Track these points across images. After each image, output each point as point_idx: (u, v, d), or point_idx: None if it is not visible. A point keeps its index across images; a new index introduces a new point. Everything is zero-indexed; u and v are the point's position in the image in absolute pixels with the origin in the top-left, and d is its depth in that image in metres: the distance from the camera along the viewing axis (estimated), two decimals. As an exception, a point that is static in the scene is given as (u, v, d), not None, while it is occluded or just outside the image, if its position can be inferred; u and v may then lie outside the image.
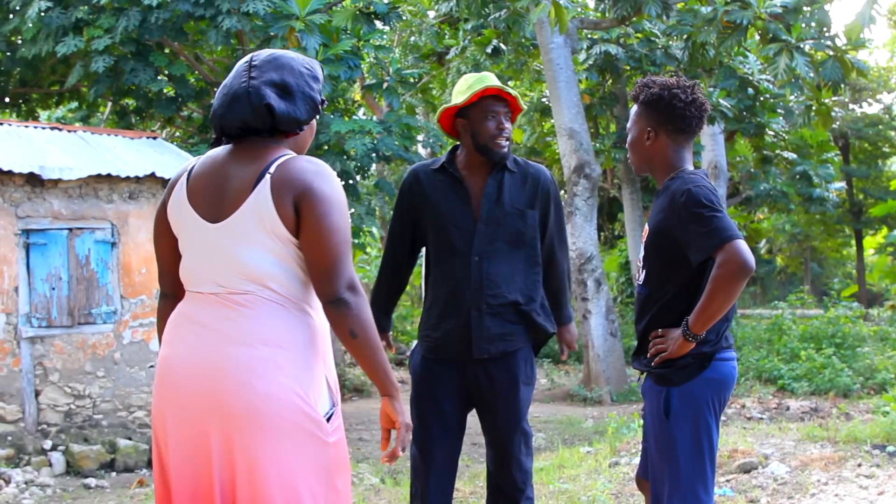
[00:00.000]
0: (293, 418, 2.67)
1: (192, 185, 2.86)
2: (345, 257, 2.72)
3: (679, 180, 3.44)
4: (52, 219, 8.72)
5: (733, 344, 3.55)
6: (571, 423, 10.46)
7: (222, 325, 2.73)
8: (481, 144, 4.12)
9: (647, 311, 3.52)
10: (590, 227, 12.83)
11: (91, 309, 8.88)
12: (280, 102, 2.81)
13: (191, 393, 2.73)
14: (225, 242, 2.77)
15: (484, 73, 4.21)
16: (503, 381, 4.13)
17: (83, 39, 10.94)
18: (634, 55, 15.84)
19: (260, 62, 2.86)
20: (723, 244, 3.24)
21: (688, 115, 3.53)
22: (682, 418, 3.39)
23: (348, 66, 10.74)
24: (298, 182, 2.72)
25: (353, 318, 2.70)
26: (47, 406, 8.63)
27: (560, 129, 13.14)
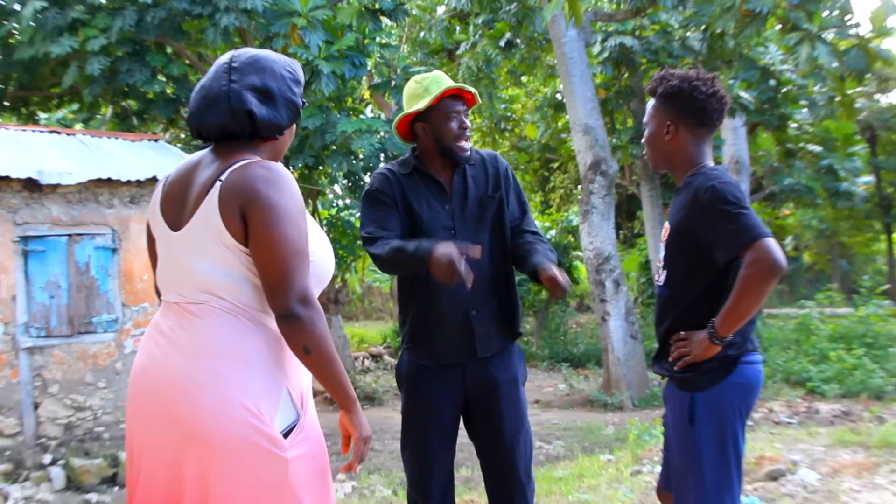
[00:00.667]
0: (242, 434, 2.61)
1: (165, 190, 2.88)
2: (296, 270, 2.66)
3: (702, 176, 3.39)
4: (50, 225, 8.70)
5: (758, 346, 3.49)
6: (591, 430, 10.40)
7: (178, 335, 2.73)
8: (445, 146, 4.07)
9: (668, 314, 3.47)
10: (607, 225, 12.77)
11: (91, 317, 8.86)
12: (261, 108, 2.80)
13: (148, 405, 2.73)
14: (182, 251, 2.78)
15: (435, 73, 4.16)
16: (505, 380, 4.11)
17: (78, 40, 10.93)
18: (651, 47, 15.77)
19: (240, 64, 2.84)
20: (751, 242, 3.18)
21: (709, 108, 3.48)
22: (706, 425, 3.34)
23: (353, 64, 10.70)
24: (244, 189, 2.68)
25: (305, 334, 2.64)
26: (47, 419, 8.61)
27: (575, 125, 13.07)
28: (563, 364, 15.43)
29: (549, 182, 23.56)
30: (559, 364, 15.60)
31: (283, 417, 2.70)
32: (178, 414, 2.64)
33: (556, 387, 14.03)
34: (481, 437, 4.17)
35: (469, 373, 4.08)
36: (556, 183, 23.14)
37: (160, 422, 2.69)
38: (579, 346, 16.52)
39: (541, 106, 19.16)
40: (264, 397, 2.66)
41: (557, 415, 11.85)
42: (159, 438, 2.70)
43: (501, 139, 21.43)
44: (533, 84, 21.36)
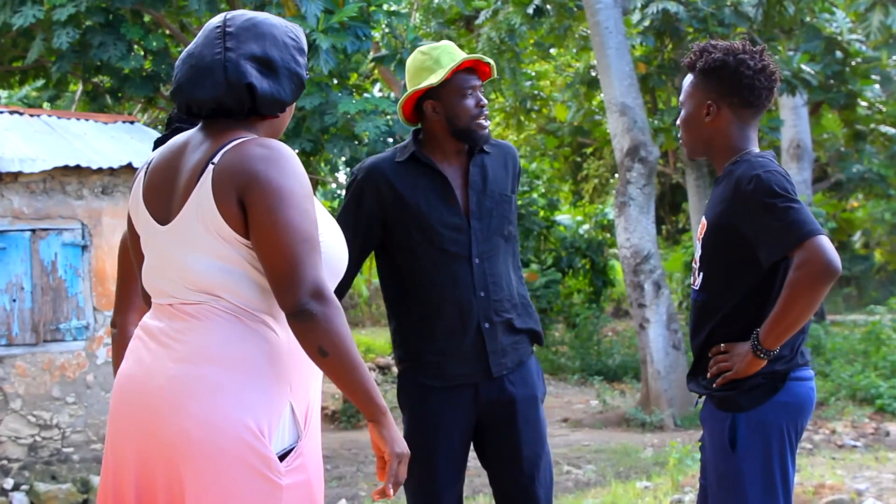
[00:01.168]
0: (234, 451, 2.58)
1: (148, 178, 2.84)
2: (306, 259, 2.60)
3: (745, 164, 3.38)
4: (11, 218, 8.77)
5: (810, 360, 3.49)
6: (627, 453, 10.41)
7: (172, 339, 2.71)
8: (461, 128, 4.03)
9: (705, 323, 3.47)
10: (646, 219, 12.77)
11: (59, 324, 8.93)
12: (263, 81, 2.75)
13: (131, 415, 2.72)
14: (173, 247, 2.74)
15: (445, 43, 4.12)
16: (523, 398, 4.10)
17: (43, 9, 10.98)
18: (698, 14, 15.71)
19: (236, 28, 2.79)
20: (802, 241, 3.17)
21: (757, 86, 3.46)
22: (751, 450, 3.34)
23: (356, 36, 10.74)
24: (242, 171, 2.64)
25: (321, 332, 2.57)
26: (8, 438, 8.68)
27: (610, 104, 13.08)
28: (596, 377, 15.43)
29: (582, 170, 23.57)
30: (592, 377, 15.60)
31: (281, 437, 2.68)
32: (163, 424, 2.63)
33: (588, 403, 14.04)
34: (496, 464, 4.17)
35: (482, 392, 4.06)
36: (589, 171, 23.16)
37: (142, 434, 2.68)
38: (615, 358, 16.51)
39: (572, 83, 19.14)
40: (264, 412, 2.63)
41: (589, 435, 11.86)
42: (137, 450, 2.69)
43: (528, 121, 21.43)
44: (563, 58, 21.34)
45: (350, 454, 11.02)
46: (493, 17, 16.82)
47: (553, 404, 14.00)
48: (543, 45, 19.47)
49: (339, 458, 10.77)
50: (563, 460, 10.08)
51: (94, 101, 13.24)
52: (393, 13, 12.34)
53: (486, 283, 4.05)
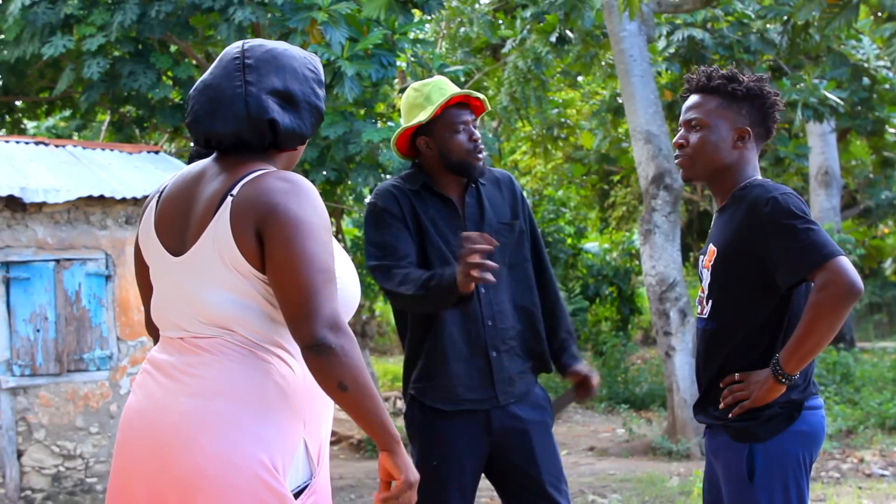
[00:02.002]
0: (249, 487, 2.55)
1: (160, 208, 2.82)
2: (322, 290, 2.56)
3: (758, 188, 3.34)
4: (35, 249, 8.80)
5: (818, 389, 3.44)
6: (653, 482, 10.31)
7: (183, 373, 2.68)
8: (455, 162, 4.06)
9: (717, 352, 3.42)
10: (672, 247, 12.68)
11: (82, 353, 8.94)
12: (284, 116, 2.73)
13: (140, 451, 2.68)
14: (186, 279, 2.71)
15: (437, 79, 4.14)
16: (535, 424, 4.14)
17: (73, 39, 11.04)
18: (724, 41, 15.69)
19: (256, 61, 2.76)
20: (823, 262, 3.14)
21: (778, 119, 3.50)
22: (770, 481, 3.30)
23: (380, 64, 10.73)
24: (261, 203, 2.61)
25: (339, 367, 2.53)
26: (32, 468, 8.68)
27: (635, 132, 13.02)
28: (622, 406, 15.33)
29: (609, 197, 23.50)
30: (619, 406, 15.51)
31: (295, 474, 2.66)
32: (175, 460, 2.59)
33: (615, 432, 13.94)
34: (520, 495, 4.15)
35: (494, 422, 4.07)
36: (616, 198, 23.08)
37: (152, 469, 2.64)
38: (642, 386, 16.39)
39: (598, 111, 19.13)
40: (278, 449, 2.61)
41: (615, 464, 11.77)
42: (148, 486, 2.65)
43: (555, 149, 21.41)
44: (590, 86, 21.33)
45: (375, 483, 10.95)
46: (520, 45, 16.81)
47: (579, 433, 13.90)
48: (570, 73, 19.46)
49: (363, 488, 10.72)
50: (589, 489, 9.99)
51: (121, 131, 13.31)
52: (418, 41, 12.35)
53: (492, 313, 4.09)
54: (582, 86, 21.51)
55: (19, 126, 15.02)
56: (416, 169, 4.18)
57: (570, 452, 12.46)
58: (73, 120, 15.24)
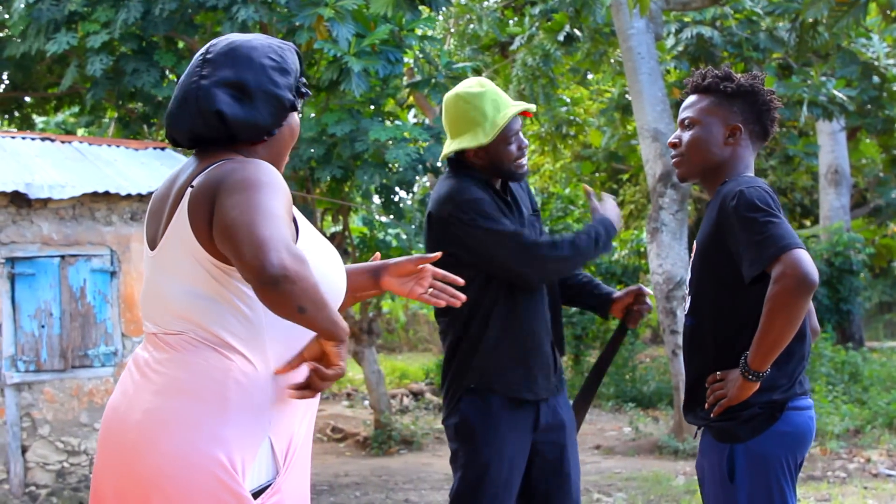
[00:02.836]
0: (205, 487, 2.55)
1: (150, 206, 2.87)
2: (267, 222, 2.46)
3: (731, 182, 3.37)
4: (41, 245, 8.81)
5: (809, 389, 3.42)
6: (658, 481, 10.30)
7: (152, 370, 2.70)
8: (504, 170, 4.20)
9: (698, 350, 3.43)
10: (679, 245, 12.66)
11: (87, 350, 8.95)
12: (233, 106, 2.72)
13: (111, 446, 2.72)
14: (157, 274, 2.75)
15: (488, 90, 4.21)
16: (570, 422, 4.28)
17: (77, 36, 11.07)
18: (733, 39, 15.67)
19: (215, 55, 2.78)
20: (779, 255, 3.15)
21: (775, 118, 3.51)
22: (750, 481, 3.30)
23: (388, 60, 10.73)
24: (213, 184, 2.59)
25: (298, 294, 2.42)
26: (36, 464, 8.69)
27: (642, 130, 13.00)
28: (629, 404, 15.31)
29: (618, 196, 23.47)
30: (626, 404, 15.49)
31: (257, 473, 2.65)
32: (137, 458, 2.62)
33: (621, 430, 13.93)
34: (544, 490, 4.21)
35: (541, 416, 4.20)
36: (625, 197, 23.05)
37: (119, 467, 2.67)
38: (649, 384, 16.37)
39: (607, 108, 19.10)
40: (238, 447, 2.60)
41: (621, 462, 11.77)
42: (115, 485, 2.68)
43: (563, 147, 21.39)
44: (599, 84, 21.29)
45: (380, 481, 10.96)
46: (528, 42, 16.79)
47: (586, 431, 13.89)
48: (579, 70, 19.43)
49: (368, 485, 10.72)
50: (594, 488, 9.98)
51: (127, 127, 13.33)
52: (425, 38, 12.34)
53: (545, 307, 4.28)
54: (591, 83, 21.48)
55: (28, 121, 15.05)
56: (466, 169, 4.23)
57: (576, 450, 12.45)
58: (81, 116, 15.26)
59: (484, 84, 4.19)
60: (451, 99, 4.20)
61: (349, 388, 18.60)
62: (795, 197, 22.79)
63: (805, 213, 23.40)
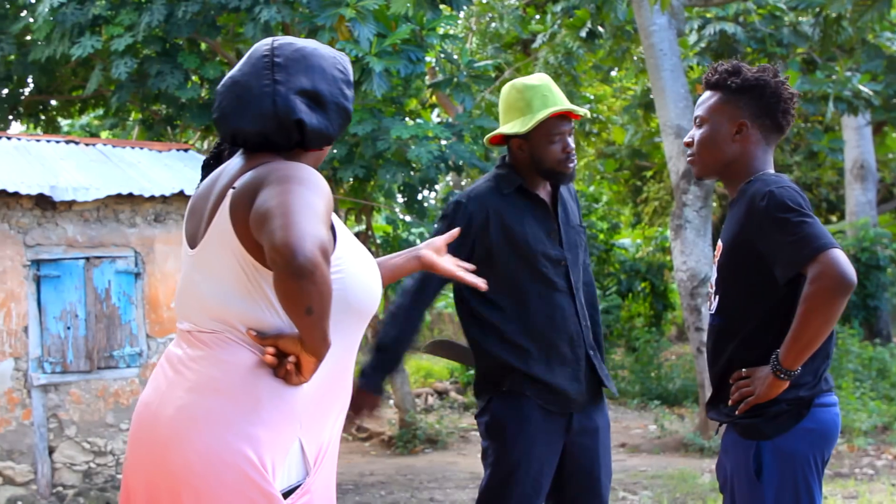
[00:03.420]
0: (235, 485, 2.56)
1: (190, 205, 2.88)
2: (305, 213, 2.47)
3: (758, 182, 3.34)
4: (65, 247, 8.87)
5: (833, 386, 3.41)
6: (684, 479, 10.28)
7: (186, 367, 2.71)
8: (546, 169, 4.16)
9: (724, 348, 3.42)
10: (703, 242, 12.63)
11: (112, 351, 9.00)
12: (312, 116, 2.74)
13: (144, 444, 2.72)
14: (196, 272, 2.75)
15: (541, 84, 4.17)
16: (605, 427, 4.30)
17: (101, 39, 11.13)
18: (756, 35, 15.61)
19: (285, 59, 2.77)
20: (815, 255, 3.13)
21: (789, 111, 3.47)
22: (777, 479, 3.28)
23: (409, 60, 10.74)
24: (256, 184, 2.60)
25: (313, 292, 2.43)
26: (63, 465, 8.75)
27: (665, 126, 12.97)
28: (654, 402, 15.28)
29: (642, 193, 23.42)
30: (651, 402, 15.46)
31: (287, 474, 2.65)
32: (168, 454, 2.62)
33: (647, 428, 13.90)
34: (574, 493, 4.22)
35: (574, 422, 4.18)
36: (649, 194, 23.00)
37: (151, 462, 2.67)
38: (675, 382, 16.33)
39: (630, 106, 19.06)
40: (269, 447, 2.60)
41: (646, 460, 11.75)
42: (146, 480, 2.68)
43: (587, 145, 21.36)
44: (622, 81, 21.26)
45: (405, 479, 10.98)
46: (551, 40, 16.78)
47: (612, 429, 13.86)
48: (602, 67, 19.40)
49: (393, 484, 10.74)
50: (620, 486, 9.97)
51: (150, 129, 13.39)
52: (447, 37, 12.35)
53: (584, 313, 4.24)
54: (614, 81, 21.44)
55: (53, 124, 15.13)
56: (509, 169, 4.23)
57: (601, 449, 12.44)
58: (106, 118, 15.33)
59: (543, 79, 4.20)
60: (506, 87, 4.24)
61: (375, 387, 18.60)
62: (821, 192, 22.67)
63: (831, 208, 23.28)
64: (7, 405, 8.55)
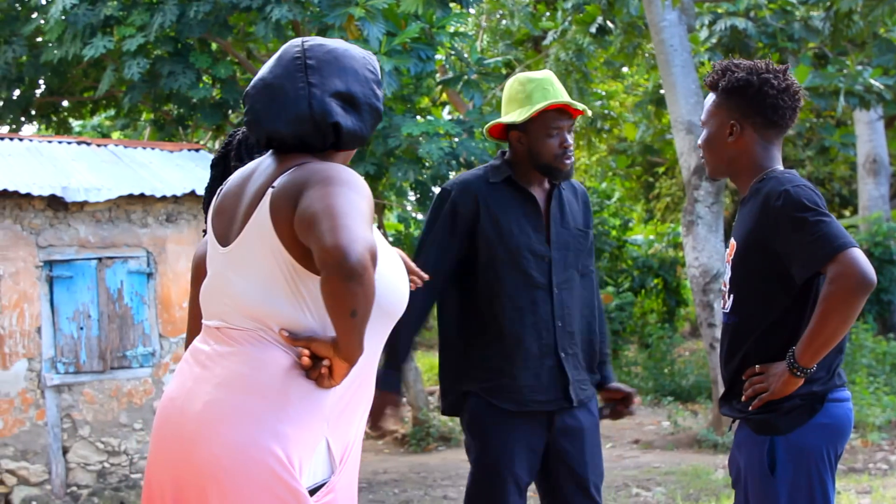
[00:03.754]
0: (262, 481, 2.56)
1: (219, 202, 2.87)
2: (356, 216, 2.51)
3: (772, 181, 3.34)
4: (78, 247, 8.91)
5: (846, 381, 3.41)
6: (697, 475, 10.26)
7: (214, 363, 2.70)
8: (542, 164, 4.12)
9: (738, 346, 3.41)
10: (715, 238, 12.61)
11: (125, 351, 9.04)
12: (347, 119, 2.75)
13: (170, 439, 2.71)
14: (229, 270, 2.75)
15: (543, 77, 4.16)
16: (590, 426, 4.20)
17: (113, 40, 11.15)
18: (767, 30, 15.56)
19: (318, 61, 2.78)
20: (835, 254, 3.12)
21: (781, 105, 3.44)
22: (791, 474, 3.28)
23: (419, 58, 10.75)
24: (299, 184, 2.61)
25: (360, 296, 2.46)
26: (77, 465, 8.78)
27: (676, 122, 12.96)
28: (668, 398, 15.24)
29: (654, 189, 23.39)
30: (664, 398, 15.42)
31: (313, 472, 2.66)
32: (195, 449, 2.62)
33: (660, 424, 13.88)
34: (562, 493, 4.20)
35: (556, 420, 4.13)
36: (661, 190, 22.96)
37: (177, 458, 2.67)
38: (688, 378, 16.29)
39: (642, 102, 19.04)
40: (297, 445, 2.61)
41: (659, 457, 11.73)
42: (173, 475, 2.68)
43: (599, 141, 21.34)
44: (633, 77, 21.23)
45: (419, 477, 10.99)
46: (561, 37, 16.76)
47: (624, 425, 13.86)
48: (613, 64, 19.38)
49: (407, 482, 10.75)
50: (633, 483, 9.97)
51: (162, 129, 13.42)
52: (456, 35, 12.36)
53: (563, 314, 4.15)
54: (625, 77, 21.42)
55: (65, 125, 15.17)
56: (502, 161, 4.22)
57: (614, 445, 12.44)
58: (118, 119, 15.37)
59: (547, 74, 4.19)
60: (510, 80, 4.25)
61: (388, 385, 18.60)
62: (834, 187, 22.61)
63: (844, 203, 23.21)
64: (21, 406, 8.58)
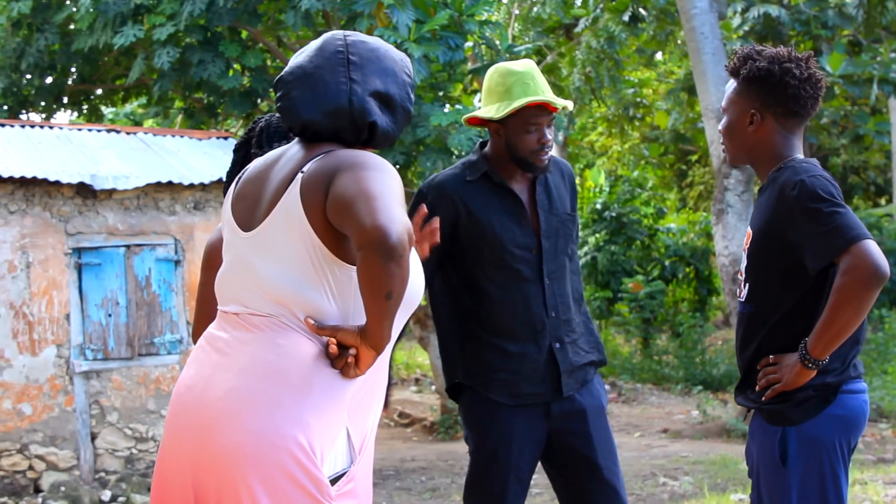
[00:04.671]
0: (284, 468, 2.56)
1: (240, 188, 2.87)
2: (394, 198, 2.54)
3: (789, 170, 3.30)
4: (106, 235, 8.95)
5: (863, 373, 3.38)
6: (725, 464, 10.22)
7: (234, 349, 2.69)
8: (518, 158, 4.04)
9: (753, 335, 3.38)
10: (745, 227, 12.54)
11: (153, 338, 9.08)
12: (383, 119, 2.78)
13: (188, 423, 2.70)
14: (252, 255, 2.74)
15: (524, 70, 4.07)
16: (592, 408, 4.13)
17: (143, 28, 11.20)
18: (801, 17, 15.44)
19: (360, 58, 2.80)
20: (848, 246, 3.09)
21: (802, 95, 3.39)
22: (803, 465, 3.25)
23: (448, 46, 10.72)
24: (330, 170, 2.62)
25: (397, 277, 2.49)
26: (105, 451, 8.84)
27: (707, 110, 12.88)
28: (697, 387, 15.17)
29: (687, 177, 23.28)
30: (694, 387, 15.36)
31: (334, 461, 2.67)
32: (216, 435, 2.61)
33: (689, 413, 13.83)
34: (573, 477, 4.15)
35: (555, 407, 4.08)
36: (694, 178, 22.84)
37: (196, 444, 2.66)
38: (719, 367, 16.22)
39: (674, 90, 18.94)
40: (319, 434, 2.61)
41: (688, 446, 11.69)
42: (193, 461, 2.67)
43: (631, 129, 21.25)
44: (666, 65, 21.12)
45: (446, 465, 11.01)
46: (593, 24, 16.70)
47: (654, 414, 13.83)
48: (645, 51, 19.30)
49: (434, 470, 10.77)
50: (660, 472, 9.94)
51: (192, 117, 13.47)
52: (486, 22, 12.32)
53: (556, 304, 4.09)
54: (657, 65, 21.31)
55: (97, 113, 15.25)
56: (479, 155, 4.16)
57: (643, 434, 12.41)
58: (149, 107, 15.44)
59: (528, 66, 4.12)
60: (491, 70, 4.18)
61: (418, 373, 18.66)
62: (869, 176, 22.44)
63: (879, 191, 23.03)
64: (50, 392, 8.65)
